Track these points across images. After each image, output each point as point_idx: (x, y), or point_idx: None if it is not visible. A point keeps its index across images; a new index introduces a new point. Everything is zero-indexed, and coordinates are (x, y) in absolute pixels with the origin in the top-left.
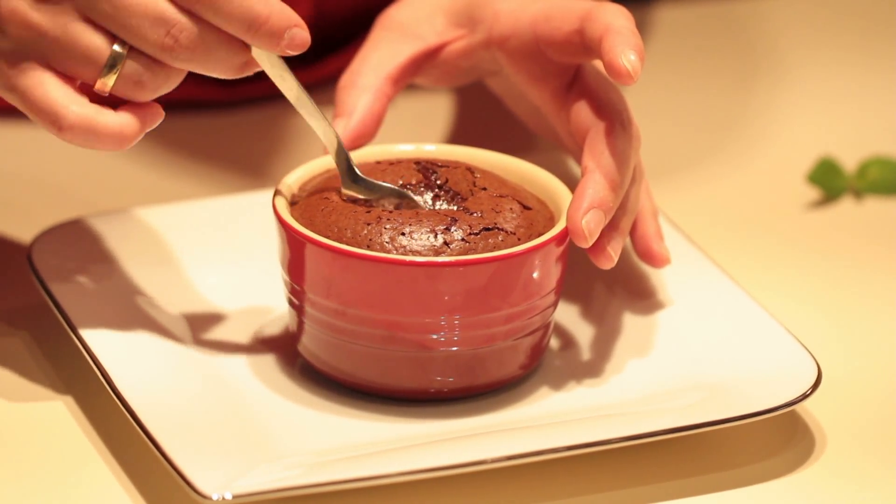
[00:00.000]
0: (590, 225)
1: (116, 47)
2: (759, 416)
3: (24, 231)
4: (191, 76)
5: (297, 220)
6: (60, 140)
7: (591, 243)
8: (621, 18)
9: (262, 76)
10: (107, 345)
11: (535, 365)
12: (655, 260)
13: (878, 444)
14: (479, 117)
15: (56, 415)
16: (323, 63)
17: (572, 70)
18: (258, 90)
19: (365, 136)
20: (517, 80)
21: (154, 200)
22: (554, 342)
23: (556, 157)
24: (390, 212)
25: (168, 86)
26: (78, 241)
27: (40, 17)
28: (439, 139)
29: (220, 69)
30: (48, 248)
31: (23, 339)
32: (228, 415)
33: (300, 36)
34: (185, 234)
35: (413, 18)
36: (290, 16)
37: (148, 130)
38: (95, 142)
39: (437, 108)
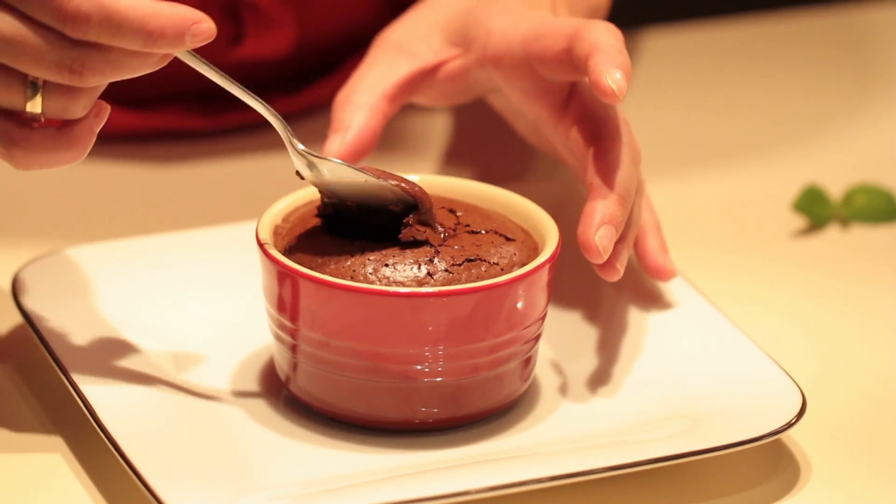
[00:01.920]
0: (603, 241)
1: (30, 80)
2: (745, 446)
3: (7, 262)
4: (174, 106)
5: (280, 251)
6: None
7: (605, 258)
8: (608, 36)
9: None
10: (90, 376)
11: (520, 395)
12: (662, 274)
13: (863, 472)
14: (466, 144)
15: (39, 446)
16: (306, 91)
17: (567, 87)
18: (243, 118)
19: (361, 153)
20: (513, 97)
21: (138, 231)
22: (538, 372)
23: (541, 187)
24: (374, 243)
25: (95, 94)
26: (62, 272)
27: None
28: (428, 164)
29: (138, 72)
30: (32, 279)
31: (5, 371)
32: (213, 446)
33: (201, 30)
34: (168, 265)
35: (410, 37)
36: (184, 16)
37: (97, 129)
38: (53, 163)
39: (427, 135)
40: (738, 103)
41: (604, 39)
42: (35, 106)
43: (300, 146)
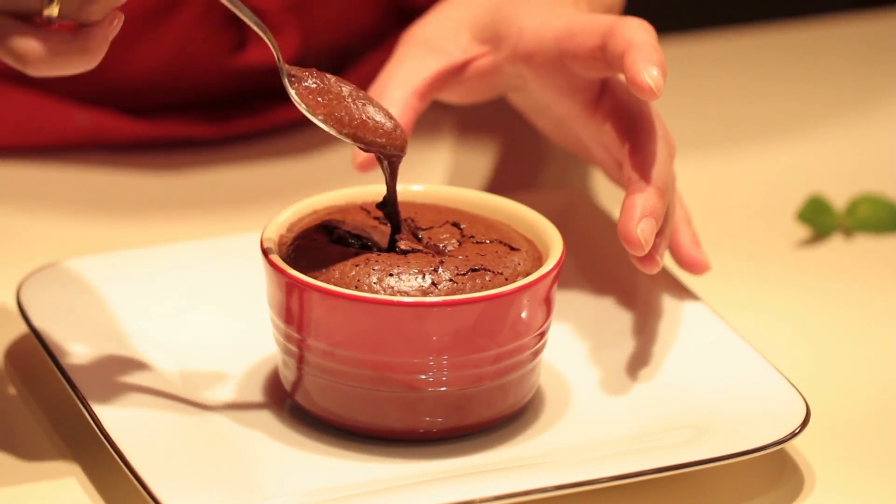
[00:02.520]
0: (644, 233)
1: None
2: (749, 455)
3: (12, 272)
4: (178, 114)
5: (284, 260)
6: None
7: (647, 251)
8: (643, 33)
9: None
10: (95, 386)
11: (524, 405)
12: (696, 267)
13: (867, 482)
14: (470, 155)
15: (43, 454)
16: None
17: (598, 82)
18: (247, 126)
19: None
20: (543, 94)
21: (143, 240)
22: (542, 381)
23: (545, 197)
24: (378, 254)
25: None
26: (66, 282)
27: None
28: (432, 174)
29: None
30: (36, 288)
31: (10, 381)
32: (218, 456)
33: None
34: (173, 275)
35: (439, 34)
36: None
37: (112, 36)
38: (65, 68)
39: (432, 145)
40: (741, 113)
41: (639, 36)
42: (52, 9)
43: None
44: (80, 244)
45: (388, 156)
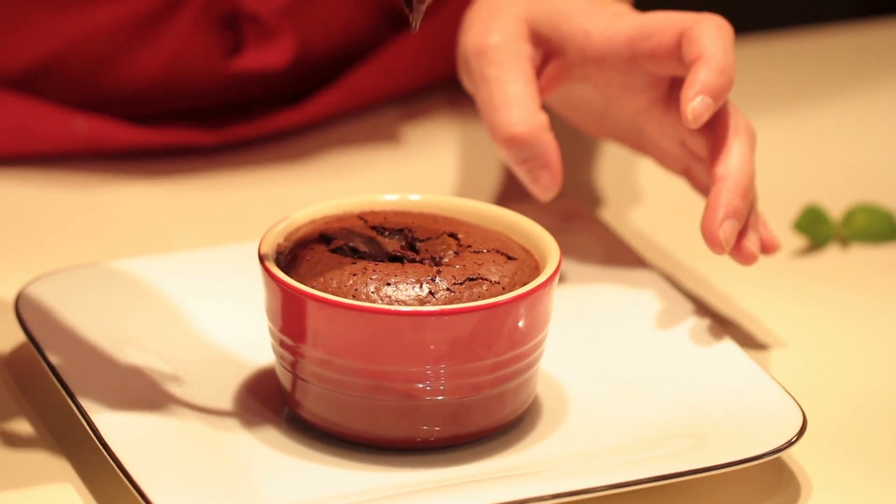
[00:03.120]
0: (726, 234)
1: None
2: (745, 464)
3: (10, 279)
4: (177, 122)
5: (282, 269)
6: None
7: (727, 252)
8: (716, 43)
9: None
10: (93, 394)
11: (521, 413)
12: (745, 258)
13: (864, 490)
14: (468, 164)
15: (40, 462)
16: (306, 104)
17: (669, 78)
18: (247, 133)
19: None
20: (609, 93)
21: (141, 248)
22: (540, 390)
23: (542, 206)
24: (375, 263)
25: None
26: (65, 290)
27: None
28: (430, 184)
29: None
30: (35, 296)
31: (8, 389)
32: (215, 465)
33: None
34: (171, 284)
35: (506, 43)
36: None
37: None
38: None
39: (429, 155)
40: None
41: (711, 48)
42: None
43: None
44: (77, 253)
45: None
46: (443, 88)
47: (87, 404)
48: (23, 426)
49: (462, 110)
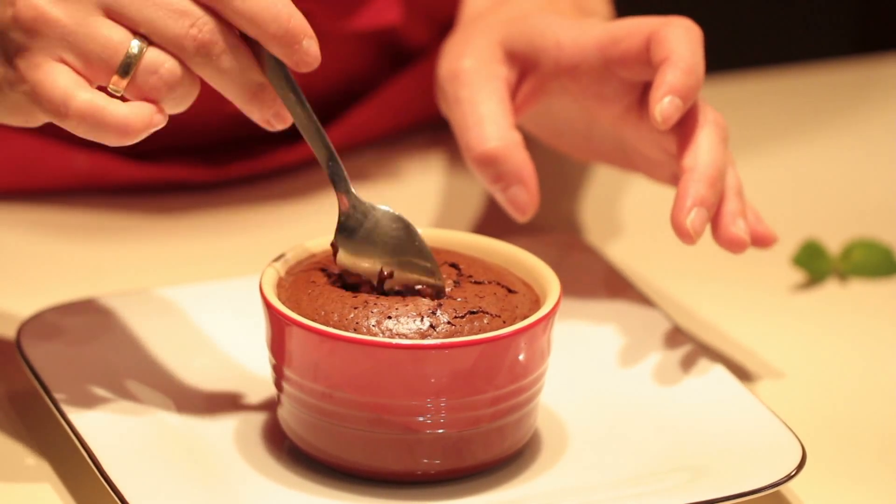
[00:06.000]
0: (694, 224)
1: (135, 42)
2: (745, 498)
3: (11, 313)
4: (178, 158)
5: (284, 303)
6: (65, 126)
7: (696, 242)
8: (684, 45)
9: (252, 154)
10: (94, 427)
11: (521, 447)
12: (733, 244)
13: None
14: (467, 197)
15: (42, 496)
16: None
17: (642, 84)
18: (246, 170)
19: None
20: (584, 104)
21: (142, 282)
22: (540, 424)
23: (541, 239)
24: (377, 297)
25: (182, 94)
26: (65, 324)
27: (59, 12)
28: (430, 217)
29: (235, 85)
30: (35, 330)
31: (9, 422)
32: (217, 497)
33: (314, 48)
34: (172, 317)
35: (481, 64)
36: (306, 25)
37: (152, 130)
38: (100, 130)
39: (428, 188)
40: (735, 158)
41: (678, 49)
42: (121, 81)
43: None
44: (78, 287)
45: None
46: (442, 125)
47: (88, 437)
48: (24, 459)
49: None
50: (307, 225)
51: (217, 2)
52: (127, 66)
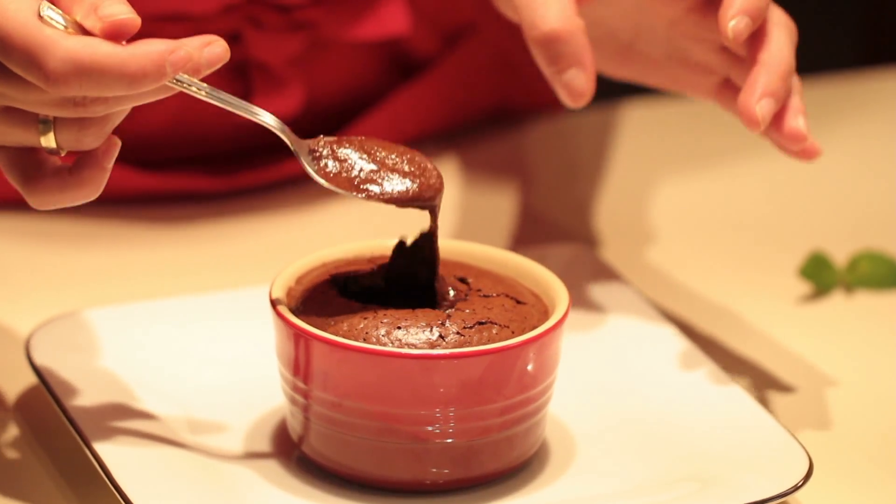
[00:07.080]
0: (763, 111)
1: (41, 117)
2: None
3: (20, 323)
4: (186, 168)
5: (293, 313)
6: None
7: (762, 129)
8: None
9: (258, 164)
10: (104, 436)
11: (530, 457)
12: (793, 138)
13: None
14: (477, 208)
15: (51, 501)
16: None
17: None
18: (256, 178)
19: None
20: (646, 2)
21: (151, 293)
22: (548, 434)
23: (550, 251)
24: (386, 307)
25: (107, 124)
26: (74, 334)
27: None
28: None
29: (142, 101)
30: (44, 340)
31: (20, 430)
32: None
33: (179, 58)
34: (181, 327)
35: None
36: (158, 51)
37: (109, 164)
38: (66, 202)
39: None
40: (742, 170)
41: None
42: (49, 140)
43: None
44: (87, 297)
45: (424, 205)
46: (450, 136)
47: (97, 445)
48: (32, 465)
49: (468, 158)
50: (315, 234)
51: (71, 93)
52: (45, 129)
